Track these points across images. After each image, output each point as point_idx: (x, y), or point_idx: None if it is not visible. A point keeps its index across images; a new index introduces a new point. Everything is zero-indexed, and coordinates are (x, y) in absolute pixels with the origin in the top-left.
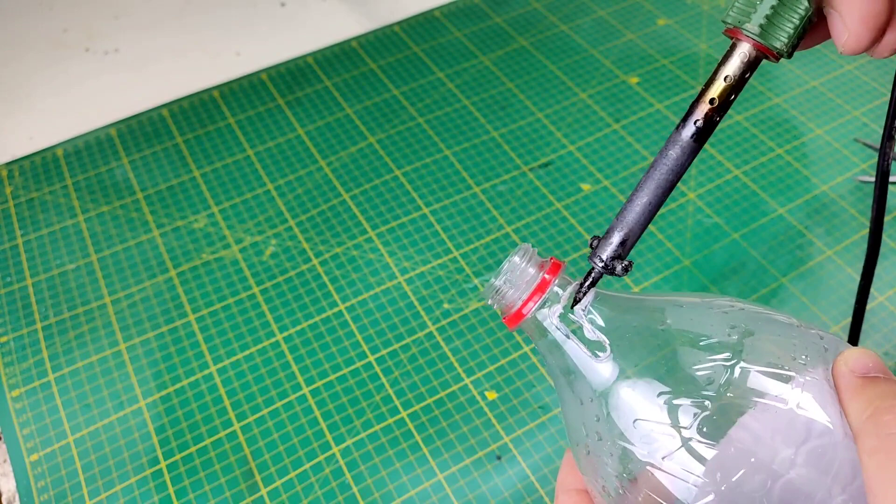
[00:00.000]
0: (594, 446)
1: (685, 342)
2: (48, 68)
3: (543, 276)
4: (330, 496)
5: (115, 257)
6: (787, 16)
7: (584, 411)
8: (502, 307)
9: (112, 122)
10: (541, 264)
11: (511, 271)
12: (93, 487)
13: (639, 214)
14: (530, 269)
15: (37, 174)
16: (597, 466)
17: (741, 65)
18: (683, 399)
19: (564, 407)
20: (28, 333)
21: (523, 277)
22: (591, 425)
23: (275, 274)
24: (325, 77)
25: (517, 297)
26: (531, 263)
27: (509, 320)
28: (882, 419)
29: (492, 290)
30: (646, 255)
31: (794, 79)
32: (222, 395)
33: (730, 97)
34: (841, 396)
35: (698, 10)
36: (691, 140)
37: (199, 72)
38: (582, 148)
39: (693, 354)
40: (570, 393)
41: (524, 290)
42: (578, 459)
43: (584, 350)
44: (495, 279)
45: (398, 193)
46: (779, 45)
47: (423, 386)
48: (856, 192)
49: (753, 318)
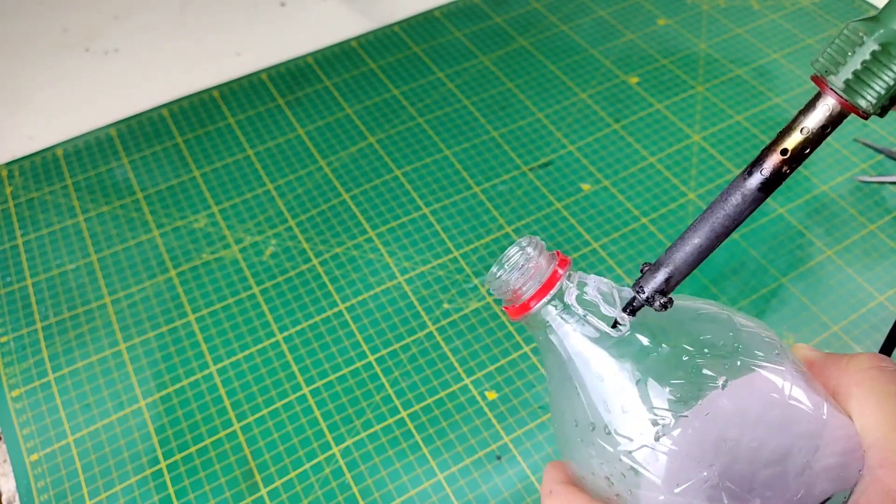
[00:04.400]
0: (593, 431)
1: (684, 335)
2: (48, 68)
3: (555, 270)
4: (330, 496)
5: (115, 257)
6: (879, 74)
7: (585, 395)
8: (506, 296)
9: (112, 122)
10: (549, 257)
11: (519, 262)
12: (93, 487)
13: (688, 255)
14: (541, 261)
15: (37, 174)
16: (596, 451)
17: (822, 119)
18: (681, 380)
19: (561, 395)
20: (28, 333)
21: (532, 269)
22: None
23: (275, 274)
24: (325, 77)
25: (524, 289)
26: (541, 256)
27: (514, 311)
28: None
29: (495, 278)
30: (646, 255)
31: (795, 79)
32: (222, 395)
33: (804, 151)
34: (821, 370)
35: (698, 10)
36: (756, 190)
37: (199, 72)
38: (582, 148)
39: (691, 347)
40: (570, 380)
41: (533, 282)
42: (573, 448)
43: (595, 334)
44: (500, 268)
45: (398, 193)
46: (864, 104)
47: (423, 386)
48: (856, 192)
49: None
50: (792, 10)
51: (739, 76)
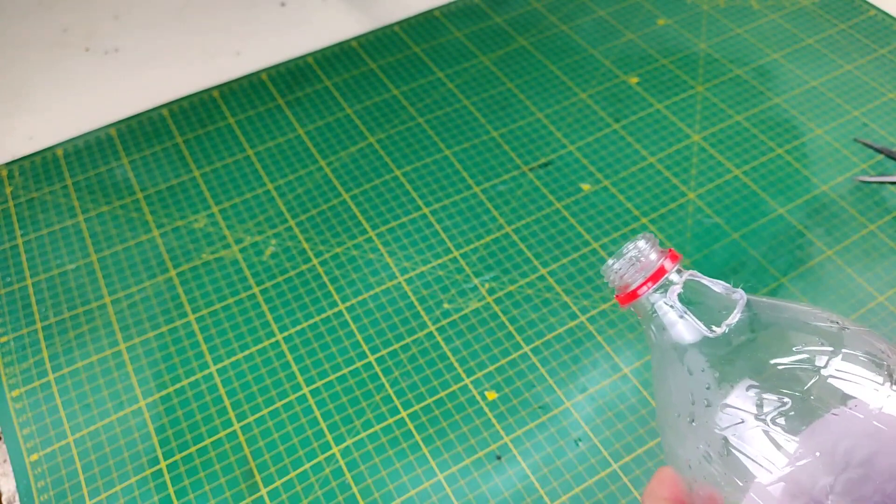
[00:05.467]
0: (701, 413)
1: (790, 327)
2: (48, 68)
3: (661, 265)
4: (330, 496)
5: (115, 257)
6: None
7: (694, 381)
8: (618, 285)
9: (112, 122)
10: (660, 253)
11: (630, 255)
12: (93, 487)
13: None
14: (651, 255)
15: (37, 174)
16: (700, 434)
17: None
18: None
19: (666, 382)
20: (28, 333)
21: (641, 263)
22: (699, 393)
23: (275, 274)
24: (325, 77)
25: (632, 280)
26: (652, 251)
27: (622, 299)
28: None
29: (609, 268)
30: None
31: (794, 79)
32: (222, 395)
33: None
34: None
35: (698, 10)
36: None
37: (199, 72)
38: (582, 148)
39: (798, 337)
40: (679, 365)
41: (640, 274)
42: (679, 433)
43: (699, 325)
44: (615, 260)
45: (398, 193)
46: None
47: (423, 386)
48: (856, 192)
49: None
50: (792, 10)
51: (739, 76)
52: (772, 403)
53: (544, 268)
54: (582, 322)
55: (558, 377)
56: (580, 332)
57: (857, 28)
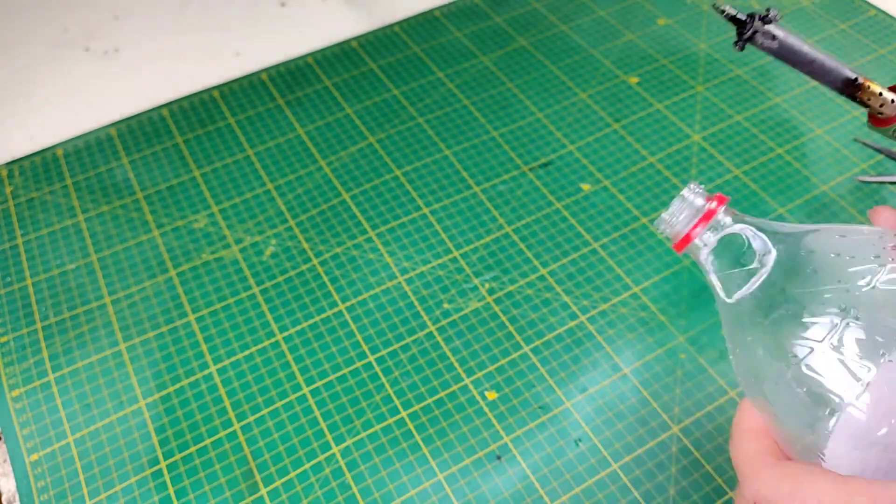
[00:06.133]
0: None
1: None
2: (48, 68)
3: (708, 207)
4: (330, 496)
5: (115, 257)
6: None
7: (759, 316)
8: (673, 234)
9: (112, 122)
10: (707, 197)
11: (681, 204)
12: (93, 487)
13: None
14: (698, 200)
15: (37, 174)
16: (774, 364)
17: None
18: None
19: (739, 317)
20: (28, 333)
21: (687, 210)
22: (769, 328)
23: (275, 274)
24: (325, 77)
25: (680, 228)
26: (698, 196)
27: (675, 246)
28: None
29: (661, 220)
30: (646, 255)
31: (794, 79)
32: (222, 395)
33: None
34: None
35: (698, 10)
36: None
37: (199, 72)
38: (582, 148)
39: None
40: (758, 293)
41: (688, 221)
42: (755, 368)
43: (719, 291)
44: (666, 213)
45: (398, 193)
46: None
47: (423, 386)
48: (856, 192)
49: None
50: (792, 10)
51: (739, 76)
52: (828, 329)
53: (544, 268)
54: (582, 322)
55: (558, 377)
56: (580, 332)
57: (857, 28)
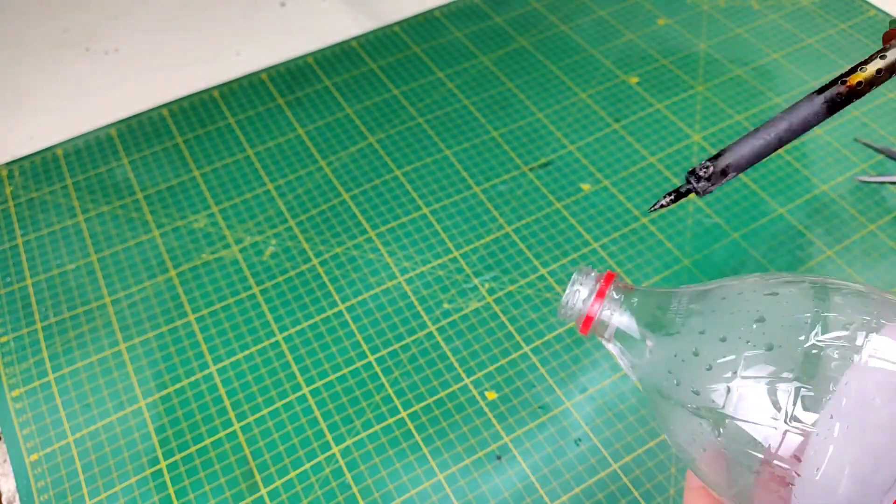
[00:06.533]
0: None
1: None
2: (48, 68)
3: (600, 286)
4: (330, 496)
5: (115, 257)
6: None
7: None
8: (574, 319)
9: (112, 122)
10: (597, 278)
11: (571, 293)
12: (93, 487)
13: (750, 149)
14: (589, 280)
15: (37, 174)
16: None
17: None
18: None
19: (669, 418)
20: (28, 333)
21: (581, 295)
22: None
23: (275, 274)
24: (325, 77)
25: (576, 314)
26: (587, 281)
27: (582, 328)
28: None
29: (562, 308)
30: (646, 255)
31: (794, 78)
32: (222, 395)
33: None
34: None
35: (698, 10)
36: (823, 105)
37: (199, 72)
38: (582, 148)
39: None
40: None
41: (583, 307)
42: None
43: (629, 372)
44: (562, 298)
45: (398, 193)
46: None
47: (423, 386)
48: (856, 192)
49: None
50: (792, 10)
51: (739, 76)
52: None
53: (544, 268)
54: None
55: (558, 377)
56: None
57: (857, 28)
